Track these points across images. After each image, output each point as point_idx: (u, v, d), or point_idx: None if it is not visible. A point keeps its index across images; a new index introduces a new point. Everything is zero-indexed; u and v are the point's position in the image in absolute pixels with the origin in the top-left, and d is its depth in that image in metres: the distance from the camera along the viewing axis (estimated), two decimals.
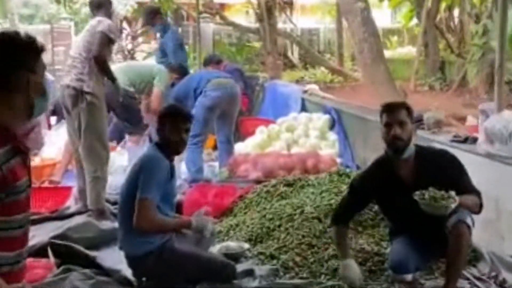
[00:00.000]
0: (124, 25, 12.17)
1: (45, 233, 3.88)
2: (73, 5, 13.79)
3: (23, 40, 1.80)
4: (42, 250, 3.56)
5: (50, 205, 4.74)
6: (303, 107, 7.24)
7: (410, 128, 2.95)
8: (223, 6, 18.08)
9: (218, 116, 5.55)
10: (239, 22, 13.97)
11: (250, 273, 3.33)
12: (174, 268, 3.13)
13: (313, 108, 7.02)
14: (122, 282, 3.28)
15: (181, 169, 5.33)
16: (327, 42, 17.20)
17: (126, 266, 3.26)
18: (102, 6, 4.54)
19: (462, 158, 3.10)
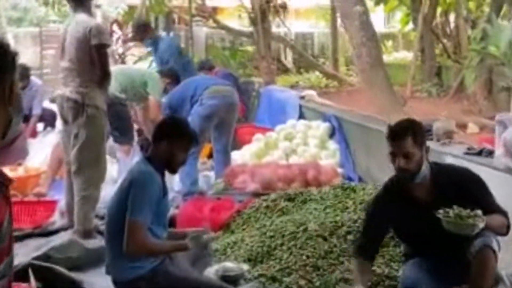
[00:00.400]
0: (114, 28, 11.89)
1: (26, 252, 3.59)
2: (62, 7, 13.48)
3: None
4: (22, 272, 3.25)
5: (34, 219, 4.44)
6: (300, 114, 6.98)
7: (418, 156, 2.68)
8: (215, 9, 17.86)
9: (215, 125, 5.26)
10: (232, 26, 13.76)
11: None
12: None
13: (311, 115, 6.77)
14: None
15: (174, 180, 5.04)
16: (321, 46, 17.03)
17: None
18: (84, 0, 4.21)
19: (478, 173, 2.86)
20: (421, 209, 2.69)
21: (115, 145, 5.66)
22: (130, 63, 11.11)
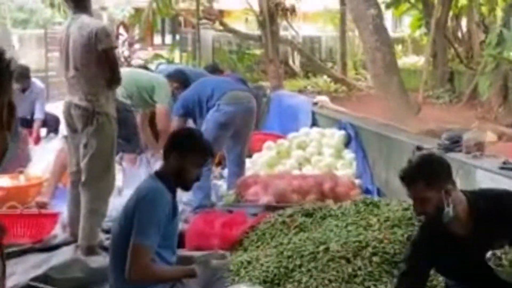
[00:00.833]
0: (121, 30, 11.69)
1: (25, 269, 3.37)
2: (68, 9, 13.28)
3: None
4: None
5: (34, 233, 4.17)
6: (313, 121, 6.71)
7: (435, 199, 2.37)
8: (222, 12, 17.65)
9: (231, 134, 4.95)
10: (239, 29, 13.56)
11: None
12: None
13: (325, 122, 6.50)
14: None
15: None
16: (329, 50, 16.80)
17: None
18: (83, 0, 3.97)
19: None
20: (460, 245, 2.43)
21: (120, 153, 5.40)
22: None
